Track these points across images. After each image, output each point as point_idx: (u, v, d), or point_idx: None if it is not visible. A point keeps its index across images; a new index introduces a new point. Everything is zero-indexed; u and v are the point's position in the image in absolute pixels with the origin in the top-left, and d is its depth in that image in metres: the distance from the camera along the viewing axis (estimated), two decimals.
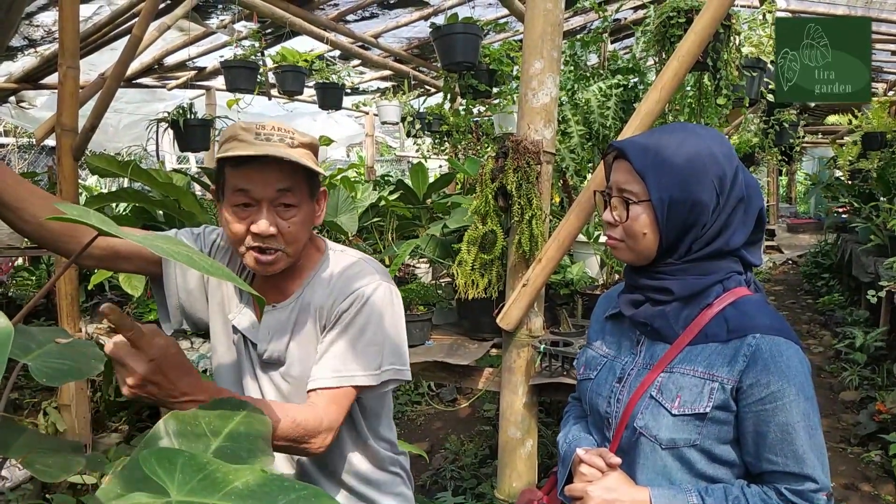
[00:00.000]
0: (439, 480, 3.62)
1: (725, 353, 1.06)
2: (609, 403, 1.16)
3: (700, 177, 1.06)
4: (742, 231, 1.11)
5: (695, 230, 1.08)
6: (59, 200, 1.07)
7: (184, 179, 3.66)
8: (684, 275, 1.10)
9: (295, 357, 1.26)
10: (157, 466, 0.57)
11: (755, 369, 1.03)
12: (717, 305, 1.09)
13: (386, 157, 12.99)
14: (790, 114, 5.61)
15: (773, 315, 1.09)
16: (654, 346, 1.14)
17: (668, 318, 1.11)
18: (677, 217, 1.07)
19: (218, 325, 1.34)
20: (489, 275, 2.06)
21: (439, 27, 3.73)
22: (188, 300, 1.34)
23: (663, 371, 1.10)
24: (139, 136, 6.34)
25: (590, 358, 1.26)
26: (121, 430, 3.82)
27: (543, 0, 1.90)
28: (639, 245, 1.11)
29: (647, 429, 1.08)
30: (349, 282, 1.26)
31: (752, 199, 1.11)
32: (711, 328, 1.08)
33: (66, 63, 2.64)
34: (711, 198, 1.07)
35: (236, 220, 1.17)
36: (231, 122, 4.52)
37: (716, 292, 1.10)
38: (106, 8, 4.23)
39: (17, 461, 0.72)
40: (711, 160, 1.08)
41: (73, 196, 2.75)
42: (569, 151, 2.30)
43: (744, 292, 1.11)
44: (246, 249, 1.19)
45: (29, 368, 0.75)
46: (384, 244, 4.23)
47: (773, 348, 1.03)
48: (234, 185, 1.16)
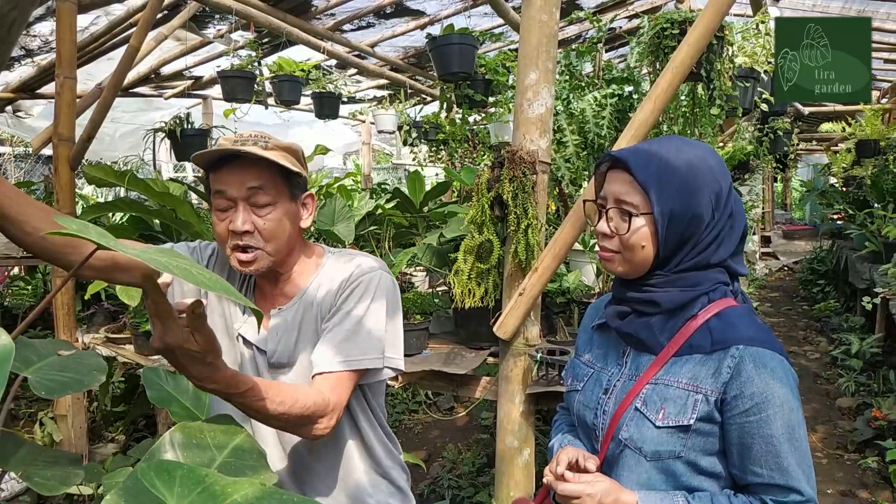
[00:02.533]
0: (437, 489, 3.62)
1: (709, 364, 1.06)
2: (596, 415, 1.16)
3: (700, 191, 1.07)
4: (729, 244, 1.12)
5: (690, 243, 1.09)
6: (58, 213, 1.07)
7: (181, 189, 3.66)
8: (671, 286, 1.10)
9: (304, 357, 1.29)
10: (157, 479, 0.58)
11: (739, 381, 1.03)
12: (702, 317, 1.09)
13: (383, 164, 13.01)
14: (784, 122, 5.65)
15: (758, 326, 1.09)
16: (639, 358, 1.14)
17: (654, 330, 1.11)
18: (676, 230, 1.07)
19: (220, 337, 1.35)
20: (486, 284, 2.06)
21: (435, 38, 3.75)
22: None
23: (648, 383, 1.10)
24: (136, 145, 6.35)
25: (577, 369, 1.26)
26: (117, 441, 3.80)
27: (539, 12, 1.92)
28: (636, 257, 1.11)
29: (631, 441, 1.08)
30: (351, 270, 1.31)
31: (739, 213, 1.13)
32: (696, 339, 1.08)
33: (63, 73, 2.65)
34: (708, 212, 1.08)
35: (218, 221, 1.24)
36: (228, 132, 4.53)
37: (701, 303, 1.10)
38: (103, 18, 4.24)
39: (18, 475, 0.73)
40: (710, 175, 1.09)
41: (71, 206, 2.76)
42: (564, 161, 2.32)
43: (729, 303, 1.11)
44: (230, 251, 1.24)
45: (28, 382, 0.75)
46: (381, 253, 4.23)
47: (757, 360, 1.03)
48: (214, 188, 1.23)
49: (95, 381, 0.85)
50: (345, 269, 1.33)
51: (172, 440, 0.68)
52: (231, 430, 0.74)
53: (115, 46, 4.48)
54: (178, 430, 0.70)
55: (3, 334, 0.57)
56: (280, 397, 1.08)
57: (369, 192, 5.17)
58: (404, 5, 4.57)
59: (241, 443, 0.73)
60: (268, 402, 1.06)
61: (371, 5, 4.47)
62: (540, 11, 1.91)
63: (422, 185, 4.48)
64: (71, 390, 0.77)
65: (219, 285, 0.72)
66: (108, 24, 4.18)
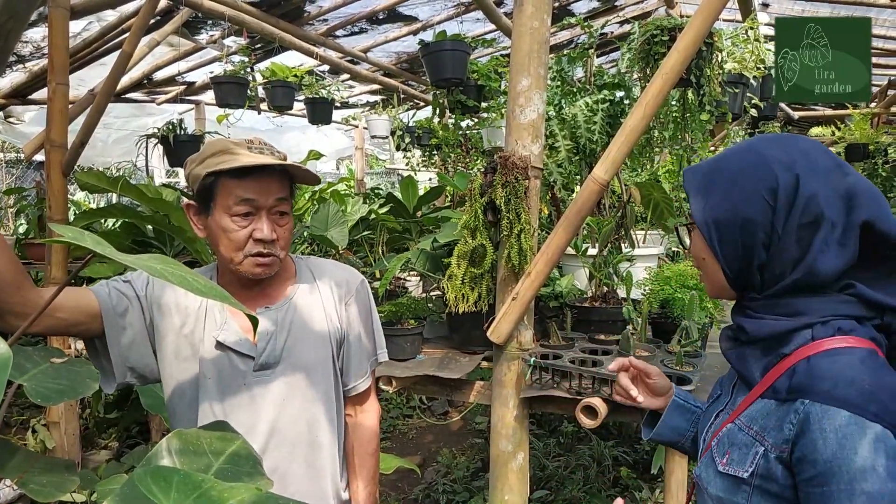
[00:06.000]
0: (431, 494, 3.62)
1: (778, 415, 0.91)
2: (703, 438, 1.09)
3: (746, 191, 0.93)
4: (832, 254, 0.90)
5: (756, 254, 0.94)
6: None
7: (173, 195, 3.65)
8: (766, 312, 0.96)
9: (291, 354, 1.35)
10: (153, 485, 0.58)
11: (803, 441, 0.86)
12: (796, 356, 0.91)
13: (376, 169, 13.01)
14: (774, 126, 5.70)
15: (849, 380, 0.85)
16: (740, 390, 1.04)
17: (747, 362, 0.98)
18: (731, 239, 0.95)
19: (184, 357, 1.33)
20: (479, 288, 2.07)
21: (428, 44, 3.76)
22: (132, 350, 1.31)
23: (732, 421, 0.99)
24: (128, 150, 6.33)
25: (716, 384, 1.17)
26: (110, 448, 3.78)
27: (530, 19, 1.93)
28: (706, 273, 1.02)
29: (700, 479, 1.01)
30: (348, 271, 1.49)
31: (843, 209, 0.90)
32: (780, 382, 0.92)
33: (55, 79, 2.65)
34: (764, 214, 0.92)
35: (238, 228, 1.26)
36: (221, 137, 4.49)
37: (803, 338, 0.92)
38: (95, 24, 4.24)
39: (14, 482, 0.73)
40: (763, 170, 0.93)
41: (63, 212, 2.75)
42: (556, 166, 2.33)
43: (838, 343, 0.89)
44: (244, 257, 1.27)
45: (24, 389, 0.75)
46: (374, 258, 4.24)
47: (826, 421, 0.84)
48: (238, 195, 1.25)
49: (89, 388, 0.85)
50: (340, 267, 1.49)
51: (169, 446, 0.68)
52: (228, 436, 0.75)
53: (108, 52, 4.48)
54: (175, 436, 0.70)
55: (0, 342, 0.57)
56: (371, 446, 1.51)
57: (363, 197, 5.17)
58: (397, 11, 4.58)
59: (237, 449, 0.73)
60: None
61: (364, 11, 4.49)
62: (531, 18, 1.93)
63: (415, 189, 4.49)
64: (66, 397, 0.77)
65: (215, 293, 0.73)
66: (100, 29, 4.18)
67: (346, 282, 1.46)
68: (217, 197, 1.26)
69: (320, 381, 1.39)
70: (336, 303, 1.43)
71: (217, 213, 1.26)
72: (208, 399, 1.32)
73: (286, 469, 1.35)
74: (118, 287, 1.30)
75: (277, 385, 1.33)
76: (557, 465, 3.73)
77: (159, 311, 1.32)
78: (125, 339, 1.29)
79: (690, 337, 2.12)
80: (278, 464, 1.33)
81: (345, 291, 1.45)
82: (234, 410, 1.31)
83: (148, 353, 1.33)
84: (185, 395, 1.33)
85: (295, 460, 1.36)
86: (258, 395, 1.32)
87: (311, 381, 1.37)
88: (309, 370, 1.37)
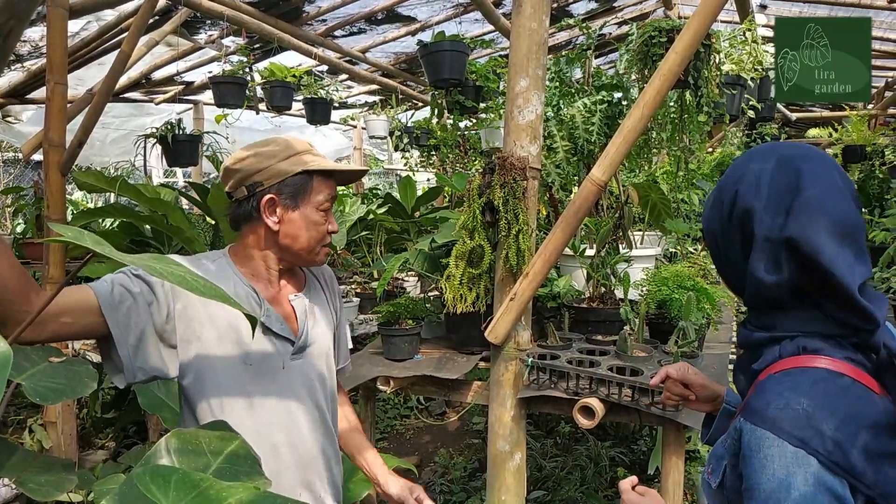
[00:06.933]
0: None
1: (732, 429, 0.93)
2: None
3: (711, 201, 0.97)
4: (767, 270, 0.89)
5: (722, 263, 0.97)
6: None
7: (172, 194, 3.65)
8: (749, 323, 0.97)
9: (317, 337, 1.46)
10: (152, 484, 0.58)
11: (740, 457, 0.88)
12: (764, 373, 0.91)
13: (374, 169, 13.00)
14: (772, 127, 5.71)
15: (784, 403, 0.84)
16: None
17: (739, 372, 1.00)
18: (710, 247, 1.00)
19: (228, 350, 1.31)
20: (477, 289, 2.08)
21: (426, 45, 3.76)
22: (140, 345, 1.22)
23: (723, 433, 1.00)
24: (126, 150, 6.32)
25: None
26: (107, 447, 3.78)
27: (528, 20, 1.93)
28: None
29: (701, 483, 1.03)
30: (327, 267, 1.62)
31: (777, 226, 0.88)
32: (750, 397, 0.92)
33: (53, 79, 2.65)
34: (721, 224, 0.95)
35: (324, 222, 1.40)
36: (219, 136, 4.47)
37: (770, 356, 0.92)
38: (94, 23, 4.23)
39: (11, 481, 0.73)
40: (731, 179, 0.94)
41: (61, 212, 2.75)
42: (554, 166, 2.33)
43: (801, 363, 0.87)
44: (320, 248, 1.42)
45: (22, 388, 0.76)
46: (373, 258, 4.24)
47: (752, 440, 0.84)
48: (328, 192, 1.40)
49: (87, 388, 0.86)
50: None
51: (168, 446, 0.68)
52: (226, 436, 0.75)
53: (106, 51, 4.47)
54: (174, 436, 0.70)
55: (1, 341, 0.57)
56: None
57: (361, 198, 5.17)
58: (395, 11, 4.59)
59: (236, 449, 0.74)
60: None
61: (362, 11, 4.49)
62: (529, 20, 1.93)
63: (413, 190, 4.49)
64: (65, 397, 0.77)
65: (213, 292, 0.73)
66: (98, 29, 4.18)
67: (327, 272, 1.61)
68: (310, 193, 1.37)
69: (332, 365, 1.53)
70: (329, 291, 1.58)
71: (306, 208, 1.37)
72: (247, 384, 1.31)
73: (317, 450, 1.44)
74: (123, 282, 1.22)
75: (307, 367, 1.43)
76: (554, 466, 3.73)
77: (190, 302, 1.27)
78: (132, 336, 1.19)
79: (687, 338, 2.13)
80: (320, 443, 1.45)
81: (330, 280, 1.61)
82: (270, 395, 1.34)
83: (161, 347, 1.25)
84: (221, 382, 1.30)
85: (317, 441, 1.45)
86: (294, 379, 1.39)
87: (328, 365, 1.50)
88: (326, 354, 1.50)
